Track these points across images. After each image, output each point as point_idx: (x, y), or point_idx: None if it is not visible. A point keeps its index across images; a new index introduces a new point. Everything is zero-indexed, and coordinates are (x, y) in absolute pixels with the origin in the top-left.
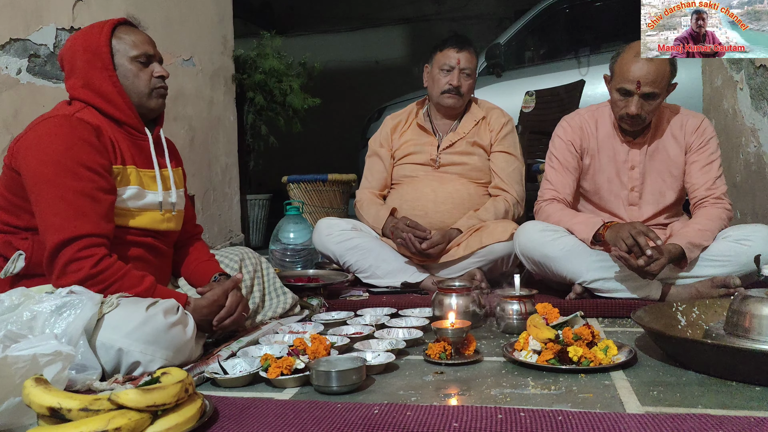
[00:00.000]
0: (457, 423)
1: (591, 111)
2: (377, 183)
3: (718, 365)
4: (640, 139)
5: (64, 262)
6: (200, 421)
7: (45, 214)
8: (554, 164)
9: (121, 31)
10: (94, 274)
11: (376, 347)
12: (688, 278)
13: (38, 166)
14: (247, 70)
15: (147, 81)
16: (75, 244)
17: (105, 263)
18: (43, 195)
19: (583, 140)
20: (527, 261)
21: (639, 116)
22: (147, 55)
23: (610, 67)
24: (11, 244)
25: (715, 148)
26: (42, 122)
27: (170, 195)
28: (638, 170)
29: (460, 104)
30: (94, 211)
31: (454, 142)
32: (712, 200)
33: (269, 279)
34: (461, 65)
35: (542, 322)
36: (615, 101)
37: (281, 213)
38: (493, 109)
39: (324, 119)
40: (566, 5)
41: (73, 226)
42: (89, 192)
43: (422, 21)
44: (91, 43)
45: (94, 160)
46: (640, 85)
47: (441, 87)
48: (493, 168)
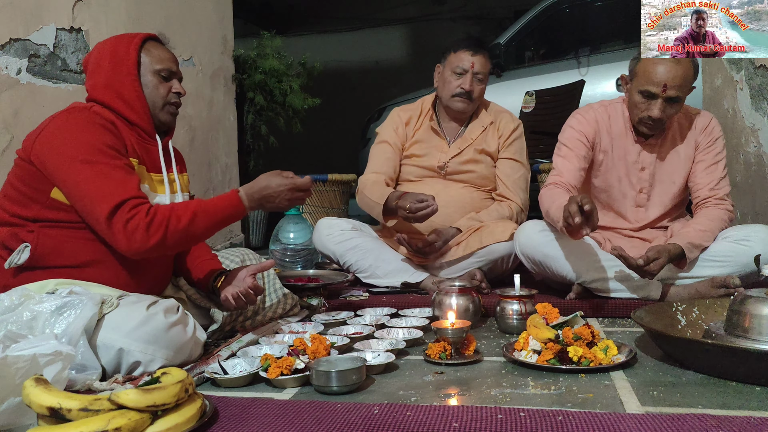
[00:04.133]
0: (457, 423)
1: (603, 106)
2: (386, 169)
3: (718, 365)
4: (652, 140)
5: (121, 225)
6: (200, 421)
7: (88, 189)
8: (562, 152)
9: (150, 45)
10: (149, 222)
11: (376, 347)
12: (688, 278)
13: (69, 150)
14: (247, 70)
15: (164, 95)
16: (123, 207)
17: (152, 211)
18: (81, 174)
19: (597, 134)
20: (527, 261)
21: (661, 120)
22: (170, 71)
23: (631, 68)
24: (17, 236)
25: (721, 148)
26: (60, 115)
27: (176, 198)
28: (648, 172)
29: (470, 109)
30: (132, 180)
31: (462, 149)
32: (715, 201)
33: (269, 279)
34: (475, 69)
35: (542, 322)
36: (636, 103)
37: (281, 213)
38: (502, 113)
39: (324, 119)
40: (566, 5)
41: (117, 193)
42: (122, 166)
43: (422, 21)
44: (120, 50)
45: (117, 143)
46: (666, 89)
47: (452, 90)
48: (498, 174)
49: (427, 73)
